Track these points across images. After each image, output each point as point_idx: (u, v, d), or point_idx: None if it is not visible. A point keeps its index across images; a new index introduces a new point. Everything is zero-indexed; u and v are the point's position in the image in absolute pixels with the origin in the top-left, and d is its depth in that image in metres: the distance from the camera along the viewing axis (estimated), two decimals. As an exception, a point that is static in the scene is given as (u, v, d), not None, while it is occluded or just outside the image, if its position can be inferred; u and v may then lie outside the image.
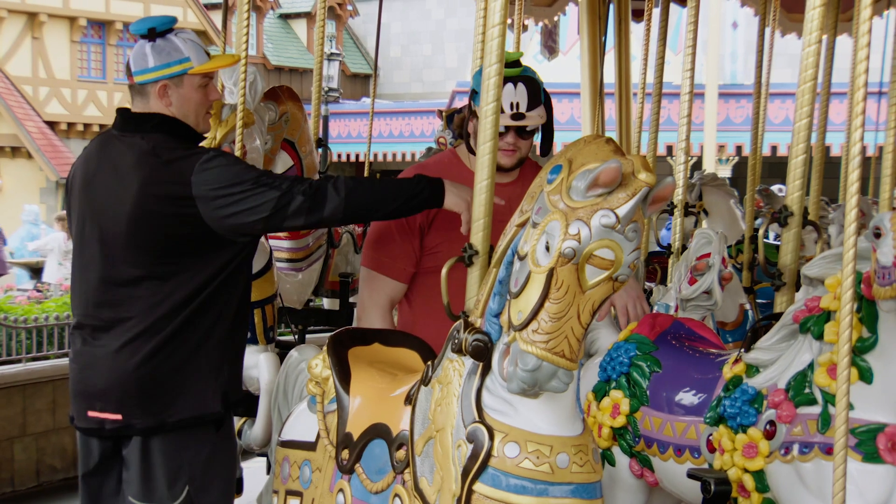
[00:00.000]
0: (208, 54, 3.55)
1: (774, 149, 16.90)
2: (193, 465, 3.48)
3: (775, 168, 9.58)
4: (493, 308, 2.88)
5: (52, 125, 24.08)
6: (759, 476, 3.25)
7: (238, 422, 5.00)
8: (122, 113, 3.57)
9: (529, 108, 3.71)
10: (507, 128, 3.73)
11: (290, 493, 3.48)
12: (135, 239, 3.42)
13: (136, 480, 3.48)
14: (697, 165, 19.71)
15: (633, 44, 9.61)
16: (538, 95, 3.75)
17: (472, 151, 3.79)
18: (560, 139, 4.41)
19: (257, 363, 4.70)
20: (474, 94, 3.71)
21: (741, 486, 3.28)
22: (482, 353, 2.87)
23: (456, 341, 2.95)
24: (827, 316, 3.14)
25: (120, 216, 3.42)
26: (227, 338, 3.56)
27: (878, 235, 2.97)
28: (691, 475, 3.38)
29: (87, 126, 24.31)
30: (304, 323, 6.37)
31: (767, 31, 7.79)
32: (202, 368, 3.48)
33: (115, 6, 24.34)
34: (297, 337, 6.30)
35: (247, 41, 4.30)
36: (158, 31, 3.48)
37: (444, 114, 8.79)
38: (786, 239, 3.43)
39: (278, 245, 5.97)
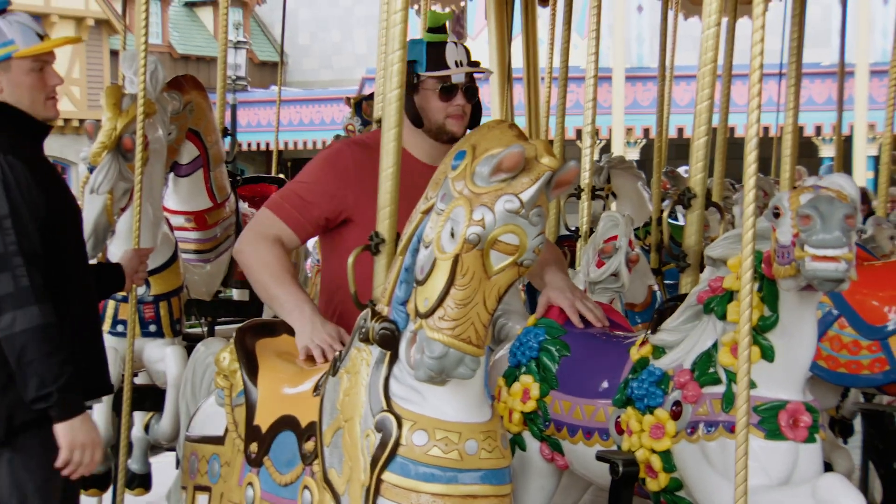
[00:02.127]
0: (41, 37, 3.34)
1: (681, 131, 17.14)
2: None
3: (682, 150, 9.71)
4: (400, 296, 2.87)
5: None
6: (666, 456, 3.27)
7: (146, 416, 4.93)
8: None
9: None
10: (454, 88, 3.55)
11: (198, 488, 3.43)
12: None
13: None
14: (606, 148, 19.93)
15: (541, 28, 9.65)
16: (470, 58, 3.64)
17: (418, 124, 3.61)
18: (470, 124, 4.39)
19: (164, 357, 4.64)
20: (413, 64, 3.53)
21: (649, 467, 3.30)
22: (389, 342, 2.86)
23: (363, 330, 2.93)
24: (730, 296, 3.17)
25: None
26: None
27: (777, 215, 3.00)
28: (600, 457, 3.40)
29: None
30: (213, 315, 6.29)
31: (671, 14, 7.90)
32: None
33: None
34: (206, 329, 6.23)
35: (146, 28, 4.22)
36: None
37: (352, 101, 8.75)
38: (689, 220, 3.47)
39: (185, 236, 5.90)
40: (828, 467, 4.23)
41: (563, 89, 6.22)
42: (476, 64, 3.63)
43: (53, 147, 22.87)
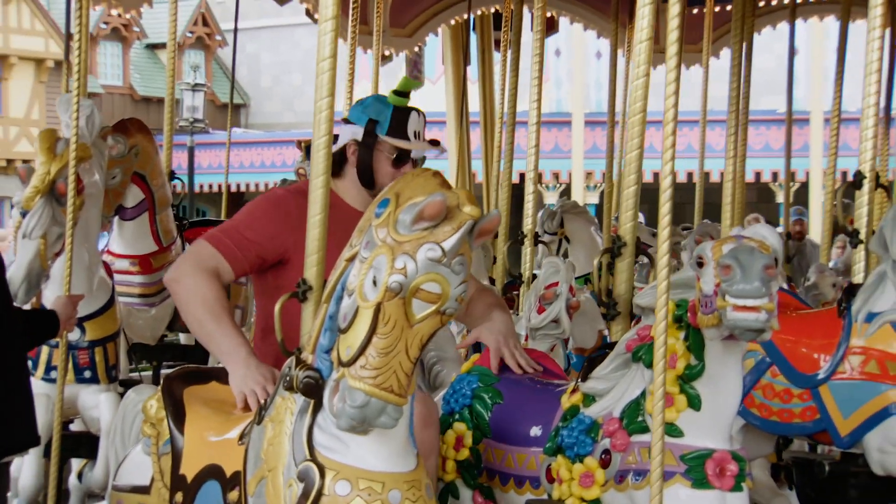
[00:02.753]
0: None
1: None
2: None
3: (644, 194, 9.72)
4: (324, 344, 2.86)
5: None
6: (595, 505, 3.26)
7: (79, 464, 4.87)
8: None
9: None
10: (407, 156, 3.56)
11: (123, 538, 3.39)
12: None
13: None
14: (566, 192, 20.00)
15: (499, 73, 9.74)
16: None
17: (367, 185, 3.60)
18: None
19: (97, 403, 4.59)
20: (374, 124, 3.56)
21: (578, 516, 3.29)
22: (313, 391, 2.84)
23: (287, 378, 2.92)
24: (657, 344, 3.17)
25: None
26: None
27: (700, 265, 3.01)
28: (529, 505, 3.38)
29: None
30: (159, 359, 6.23)
31: (622, 60, 7.97)
32: None
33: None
34: (153, 373, 6.16)
35: (82, 72, 4.21)
36: None
37: (303, 144, 8.74)
38: (619, 269, 3.47)
39: (129, 280, 5.84)
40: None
41: (510, 134, 6.24)
42: (436, 143, 3.64)
43: (10, 188, 22.71)
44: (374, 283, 2.67)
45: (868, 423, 3.67)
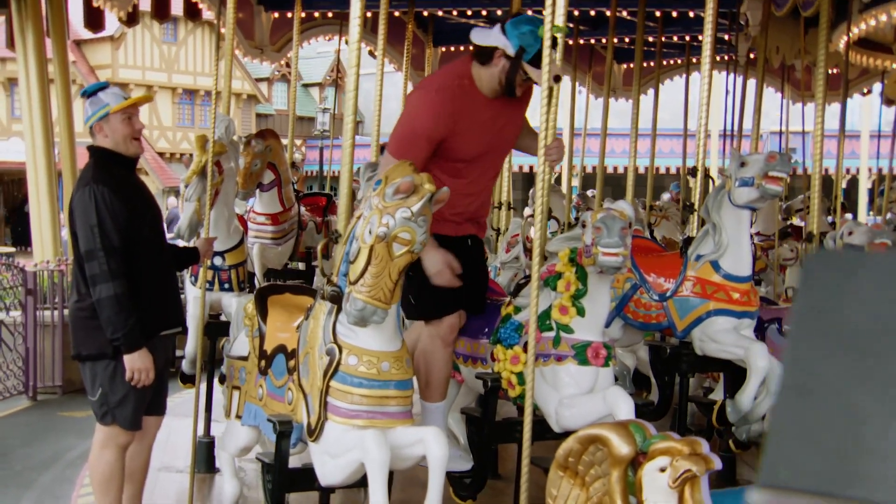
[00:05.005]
0: (126, 98, 3.28)
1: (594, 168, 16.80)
2: (103, 376, 3.26)
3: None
4: (343, 270, 2.81)
5: (160, 154, 23.45)
6: (520, 376, 3.18)
7: (223, 340, 4.84)
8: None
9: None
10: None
11: (234, 387, 3.40)
12: (71, 229, 3.26)
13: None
14: (560, 179, 19.55)
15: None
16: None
17: (509, 93, 3.02)
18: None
19: (231, 304, 4.56)
20: (523, 51, 2.92)
21: (509, 382, 3.21)
22: (336, 299, 2.81)
23: (321, 292, 2.88)
24: (559, 275, 3.07)
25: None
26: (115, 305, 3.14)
27: (583, 227, 2.92)
28: (478, 376, 3.31)
29: (181, 155, 23.71)
30: (284, 278, 6.20)
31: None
32: (97, 326, 3.19)
33: (200, 80, 23.75)
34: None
35: (225, 100, 4.13)
36: (89, 92, 3.26)
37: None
38: (538, 228, 3.33)
39: (266, 229, 5.80)
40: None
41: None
42: (558, 78, 2.88)
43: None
44: (370, 232, 2.61)
45: (694, 323, 3.58)
